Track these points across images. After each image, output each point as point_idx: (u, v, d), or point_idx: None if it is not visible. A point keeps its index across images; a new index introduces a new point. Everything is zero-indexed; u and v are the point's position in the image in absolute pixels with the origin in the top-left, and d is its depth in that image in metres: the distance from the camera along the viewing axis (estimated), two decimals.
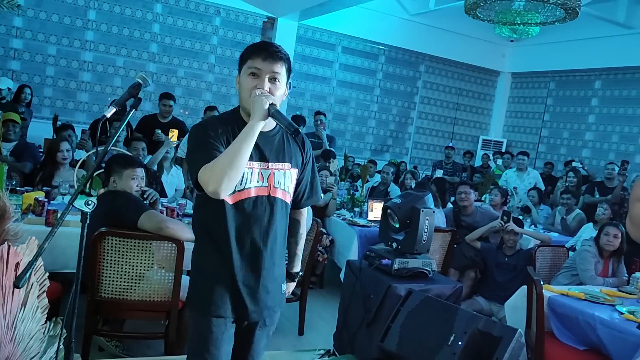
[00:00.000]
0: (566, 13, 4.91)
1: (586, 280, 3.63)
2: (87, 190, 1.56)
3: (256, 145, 1.66)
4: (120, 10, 7.64)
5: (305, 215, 2.04)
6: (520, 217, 6.20)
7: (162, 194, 4.31)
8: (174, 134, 4.65)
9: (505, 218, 4.37)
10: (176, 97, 8.08)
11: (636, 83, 8.78)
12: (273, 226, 1.76)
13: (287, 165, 1.79)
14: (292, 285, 2.06)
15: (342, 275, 3.92)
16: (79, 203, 1.53)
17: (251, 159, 1.67)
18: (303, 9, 7.72)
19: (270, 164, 1.75)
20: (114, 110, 1.55)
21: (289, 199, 1.82)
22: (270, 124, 1.74)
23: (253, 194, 1.72)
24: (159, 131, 5.41)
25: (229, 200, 1.68)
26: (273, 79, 1.69)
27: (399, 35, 9.34)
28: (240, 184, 1.68)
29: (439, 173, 7.10)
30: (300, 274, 2.06)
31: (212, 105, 6.16)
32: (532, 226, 5.97)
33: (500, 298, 3.89)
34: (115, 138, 1.67)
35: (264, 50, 1.69)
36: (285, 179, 1.78)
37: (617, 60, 8.53)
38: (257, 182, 1.72)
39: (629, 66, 8.52)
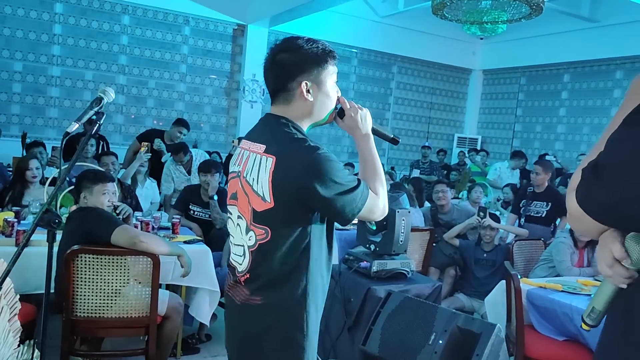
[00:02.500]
0: (531, 9, 4.99)
1: (563, 272, 3.68)
2: (53, 208, 1.53)
3: None
4: (86, 24, 7.53)
5: None
6: (498, 212, 6.28)
7: (138, 207, 4.25)
8: (146, 147, 4.59)
9: (481, 214, 4.41)
10: (148, 108, 8.05)
11: (603, 75, 8.97)
12: None
13: None
14: None
15: None
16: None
17: None
18: (273, 15, 7.71)
19: None
20: (77, 125, 1.52)
21: None
22: None
23: None
24: (159, 140, 5.36)
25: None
26: None
27: (370, 37, 9.39)
28: None
29: (416, 173, 7.14)
30: None
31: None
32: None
33: (481, 294, 3.92)
34: (78, 155, 1.63)
35: (335, 54, 1.54)
36: None
37: (584, 53, 8.71)
38: None
39: (595, 59, 8.71)
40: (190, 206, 4.32)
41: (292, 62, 1.48)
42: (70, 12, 7.43)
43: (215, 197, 4.21)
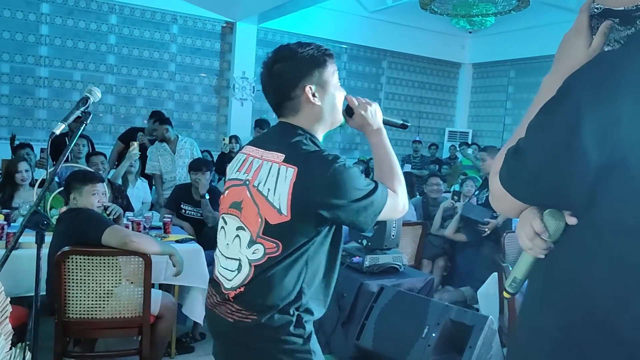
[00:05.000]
0: (518, 1, 5.01)
1: None
2: (42, 209, 1.52)
3: None
4: (73, 24, 7.47)
5: None
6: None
7: (129, 207, 4.23)
8: (134, 146, 4.57)
9: (455, 197, 4.47)
10: (138, 108, 8.00)
11: None
12: None
13: None
14: None
15: None
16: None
17: None
18: (261, 12, 7.68)
19: None
20: (63, 126, 1.51)
21: None
22: None
23: None
24: (141, 134, 5.35)
25: None
26: None
27: (359, 33, 9.38)
28: None
29: (407, 167, 7.17)
30: None
31: (155, 112, 5.97)
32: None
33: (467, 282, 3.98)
34: (66, 155, 1.62)
35: (333, 54, 1.52)
36: None
37: None
38: None
39: None
40: (182, 205, 4.31)
41: (291, 69, 1.43)
42: (56, 13, 7.36)
43: (207, 196, 4.20)
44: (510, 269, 3.06)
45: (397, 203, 1.46)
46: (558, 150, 0.91)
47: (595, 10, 1.03)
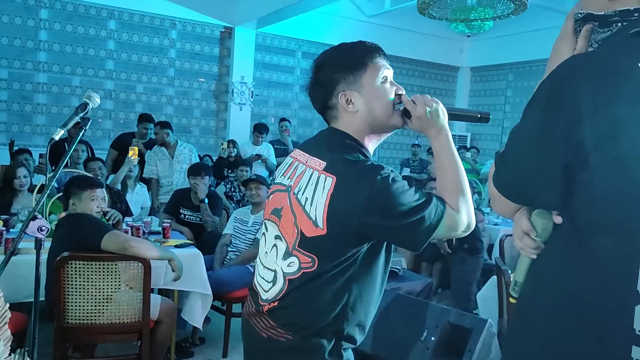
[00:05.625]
0: (515, 6, 5.03)
1: None
2: (42, 215, 1.52)
3: None
4: (72, 29, 7.48)
5: None
6: (488, 209, 6.32)
7: (127, 212, 4.24)
8: (134, 151, 4.57)
9: None
10: (137, 113, 7.99)
11: None
12: None
13: None
14: None
15: None
16: (32, 229, 1.49)
17: None
18: (260, 16, 7.70)
19: None
20: (62, 132, 1.51)
21: None
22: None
23: None
24: (136, 140, 5.36)
25: None
26: None
27: (357, 37, 9.12)
28: None
29: (406, 171, 7.17)
30: None
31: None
32: (500, 216, 6.09)
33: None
34: (65, 161, 1.63)
35: (379, 49, 1.40)
36: None
37: None
38: None
39: None
40: (181, 210, 4.32)
41: (326, 77, 1.35)
42: (55, 18, 7.38)
43: (206, 201, 4.21)
44: (510, 272, 3.07)
45: (457, 221, 1.28)
46: (528, 150, 0.97)
47: (579, 15, 1.10)
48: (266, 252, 1.40)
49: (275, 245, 1.36)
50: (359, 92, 1.33)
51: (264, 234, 1.44)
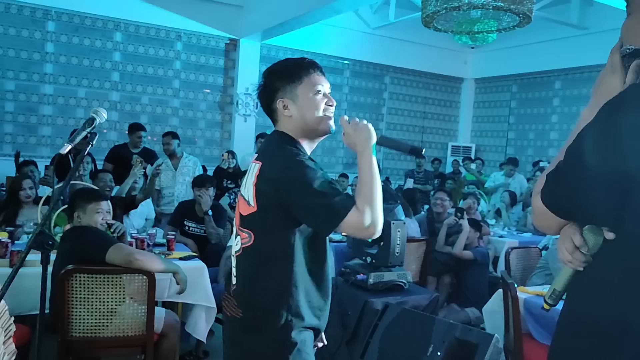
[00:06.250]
0: (520, 19, 5.04)
1: None
2: (47, 229, 1.52)
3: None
4: (78, 41, 7.54)
5: None
6: (493, 221, 6.30)
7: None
8: (138, 164, 4.57)
9: (459, 214, 4.44)
10: (143, 124, 8.05)
11: (594, 81, 8.73)
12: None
13: None
14: None
15: None
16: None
17: None
18: (264, 29, 7.75)
19: None
20: (70, 147, 1.52)
21: None
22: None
23: None
24: (136, 156, 5.33)
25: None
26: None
27: (361, 49, 9.44)
28: None
29: (410, 182, 7.15)
30: None
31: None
32: (506, 228, 6.06)
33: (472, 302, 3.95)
34: (72, 174, 1.63)
35: (316, 66, 1.61)
36: None
37: (574, 60, 8.77)
38: None
39: (585, 65, 8.76)
40: (185, 222, 4.31)
41: (269, 84, 1.58)
42: (62, 30, 7.45)
43: (210, 212, 4.20)
44: (516, 285, 3.04)
45: (360, 221, 1.38)
46: (588, 170, 1.03)
47: (627, 50, 1.18)
48: (232, 241, 1.63)
49: (233, 231, 1.62)
50: (293, 100, 1.55)
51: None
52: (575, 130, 1.16)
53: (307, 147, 1.61)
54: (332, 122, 1.61)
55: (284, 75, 1.57)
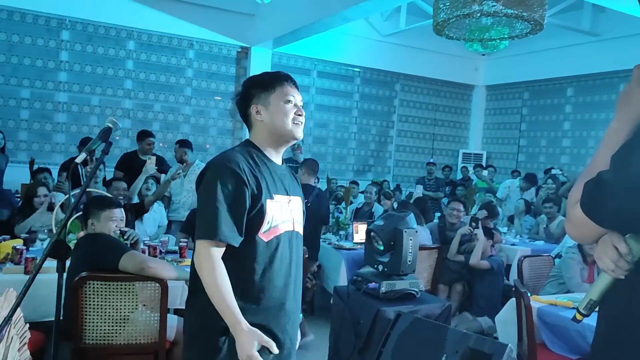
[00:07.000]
0: (532, 26, 5.02)
1: (573, 288, 3.65)
2: (63, 237, 1.54)
3: (281, 178, 1.73)
4: (92, 50, 7.64)
5: None
6: (505, 228, 6.25)
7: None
8: (151, 160, 4.58)
9: (473, 224, 4.41)
10: (154, 132, 8.12)
11: (606, 88, 8.96)
12: (298, 263, 1.77)
13: (299, 198, 1.81)
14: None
15: (332, 301, 3.89)
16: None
17: (278, 192, 1.69)
18: (276, 37, 7.80)
19: (292, 197, 1.75)
20: (85, 156, 1.53)
21: (301, 231, 1.82)
22: (280, 158, 1.79)
23: (282, 230, 1.69)
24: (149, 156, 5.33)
25: (264, 238, 1.64)
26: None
27: (372, 56, 9.46)
28: (274, 220, 1.66)
29: (419, 189, 7.12)
30: None
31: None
32: (518, 236, 6.02)
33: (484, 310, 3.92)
34: (88, 183, 1.65)
35: (290, 79, 1.75)
36: (299, 213, 1.80)
37: (586, 67, 8.72)
38: (284, 217, 1.71)
39: (598, 72, 8.71)
40: None
41: (245, 92, 1.75)
42: (76, 39, 7.55)
43: None
44: (529, 295, 3.01)
45: (198, 255, 1.59)
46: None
47: None
48: None
49: None
50: (266, 107, 1.71)
51: None
52: (608, 141, 1.17)
53: (274, 152, 1.76)
54: (300, 130, 1.74)
55: (260, 84, 1.73)
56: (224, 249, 1.57)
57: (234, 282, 1.60)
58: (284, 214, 1.69)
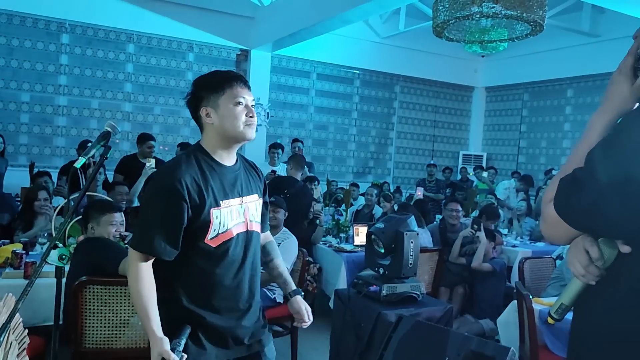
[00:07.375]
0: (531, 27, 5.02)
1: None
2: (61, 239, 1.53)
3: (232, 181, 1.70)
4: (92, 53, 7.64)
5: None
6: (506, 230, 6.24)
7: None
8: (151, 162, 4.58)
9: (475, 226, 4.40)
10: (154, 135, 8.11)
11: (605, 89, 8.93)
12: (253, 261, 1.77)
13: (255, 196, 1.80)
14: (302, 300, 2.00)
15: (331, 304, 3.88)
16: (53, 258, 1.49)
17: (229, 196, 1.68)
18: (275, 39, 7.79)
19: (245, 198, 1.75)
20: (84, 161, 1.53)
21: (259, 229, 1.83)
22: (233, 158, 1.76)
23: (234, 233, 1.71)
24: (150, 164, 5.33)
25: (212, 244, 1.66)
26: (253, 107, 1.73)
27: (372, 58, 9.46)
28: (222, 226, 1.67)
29: (420, 191, 7.11)
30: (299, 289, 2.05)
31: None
32: (518, 238, 6.00)
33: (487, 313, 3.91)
34: (87, 187, 1.64)
35: (240, 79, 1.70)
36: (256, 211, 1.80)
37: (586, 68, 8.72)
38: (236, 220, 1.71)
39: (597, 73, 8.69)
40: None
41: (195, 93, 1.72)
42: (76, 43, 7.54)
43: None
44: (531, 297, 3.00)
45: (129, 266, 1.62)
46: (616, 182, 0.95)
47: None
48: None
49: None
50: (215, 109, 1.67)
51: None
52: (587, 135, 1.11)
53: (225, 153, 1.73)
54: (252, 131, 1.70)
55: (209, 86, 1.69)
56: (154, 258, 1.60)
57: (184, 287, 1.66)
58: (235, 217, 1.70)
